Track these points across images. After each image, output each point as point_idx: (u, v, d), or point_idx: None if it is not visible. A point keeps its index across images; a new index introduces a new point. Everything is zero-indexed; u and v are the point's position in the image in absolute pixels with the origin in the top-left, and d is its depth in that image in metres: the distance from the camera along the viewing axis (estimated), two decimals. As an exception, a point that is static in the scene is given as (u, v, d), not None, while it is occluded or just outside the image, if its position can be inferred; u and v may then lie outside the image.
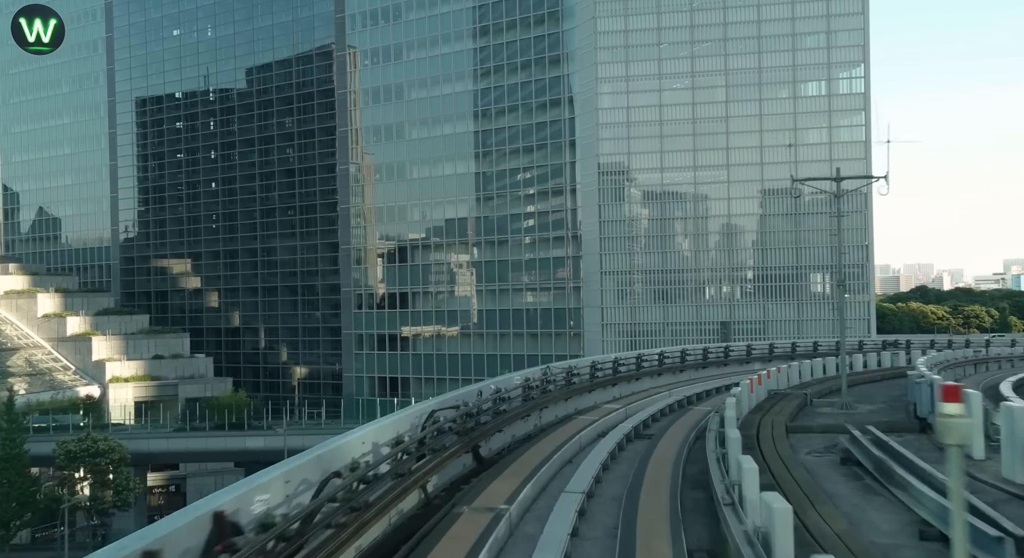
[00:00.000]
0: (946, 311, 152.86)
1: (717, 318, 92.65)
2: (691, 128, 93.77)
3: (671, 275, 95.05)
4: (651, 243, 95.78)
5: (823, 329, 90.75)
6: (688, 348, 50.21)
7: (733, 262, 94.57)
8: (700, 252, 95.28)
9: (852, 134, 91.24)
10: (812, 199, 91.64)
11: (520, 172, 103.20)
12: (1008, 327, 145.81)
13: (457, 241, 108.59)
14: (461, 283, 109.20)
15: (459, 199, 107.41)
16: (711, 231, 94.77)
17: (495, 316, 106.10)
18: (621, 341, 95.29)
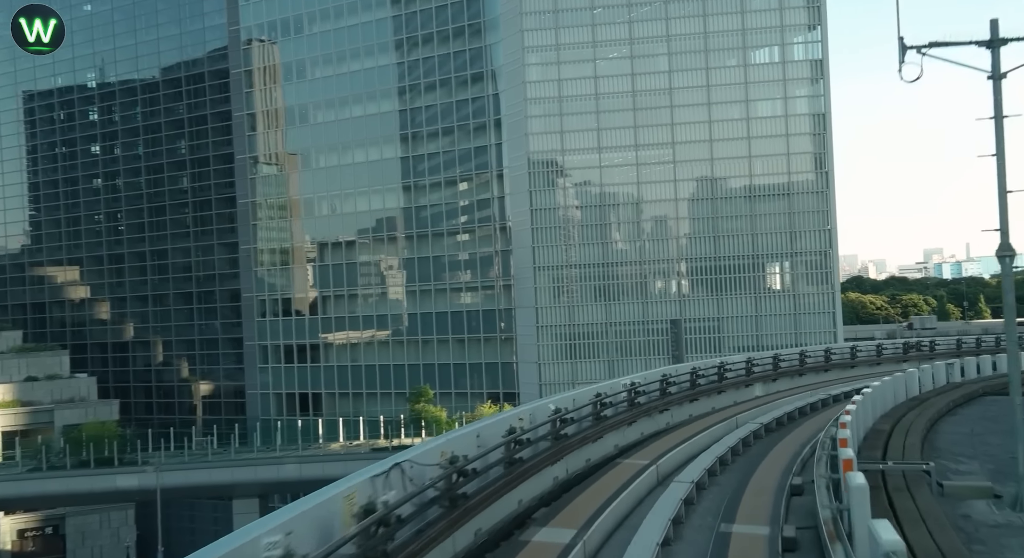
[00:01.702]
0: (884, 301, 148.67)
1: (666, 316, 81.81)
2: (631, 102, 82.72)
3: (613, 269, 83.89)
4: (590, 233, 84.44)
5: (782, 325, 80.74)
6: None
7: (682, 252, 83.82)
8: (645, 242, 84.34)
9: (810, 105, 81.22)
10: (767, 181, 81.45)
11: (441, 157, 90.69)
12: (947, 315, 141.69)
13: (376, 237, 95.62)
14: (383, 284, 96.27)
15: (385, 188, 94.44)
16: (656, 217, 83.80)
17: (418, 321, 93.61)
18: (559, 345, 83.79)
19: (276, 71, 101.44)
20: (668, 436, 24.79)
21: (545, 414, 19.37)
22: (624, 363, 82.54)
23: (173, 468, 70.14)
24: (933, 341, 51.49)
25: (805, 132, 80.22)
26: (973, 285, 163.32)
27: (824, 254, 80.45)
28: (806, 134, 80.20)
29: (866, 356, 45.96)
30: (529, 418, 18.40)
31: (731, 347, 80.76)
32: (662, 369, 30.29)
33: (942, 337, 65.38)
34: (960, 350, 47.69)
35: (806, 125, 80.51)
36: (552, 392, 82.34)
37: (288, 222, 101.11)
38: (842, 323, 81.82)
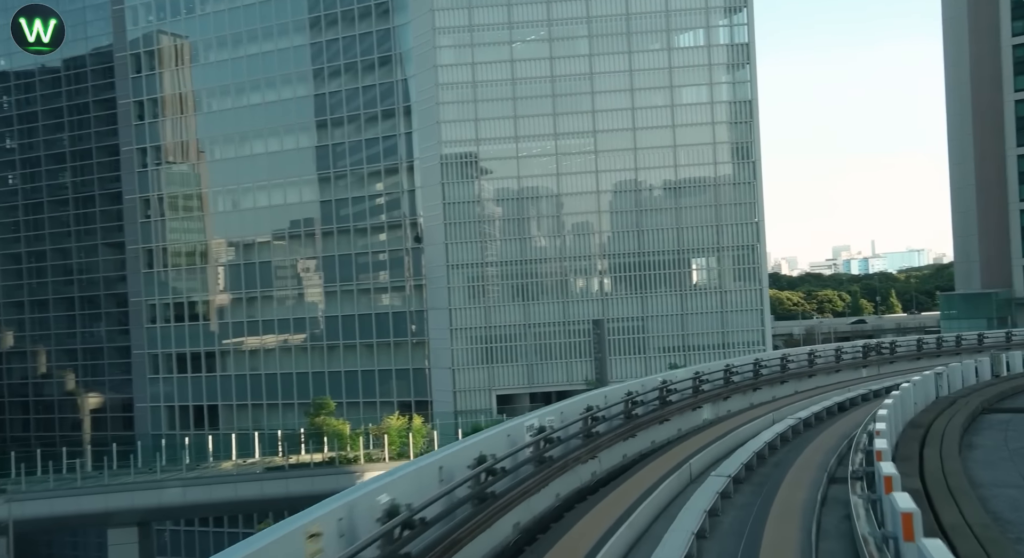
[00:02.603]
0: (801, 297, 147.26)
1: (588, 316, 75.23)
2: (549, 88, 75.94)
3: (532, 267, 76.96)
4: (507, 229, 77.32)
5: (709, 324, 75.13)
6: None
7: (604, 248, 77.42)
8: (565, 237, 77.66)
9: (736, 92, 75.81)
10: (692, 173, 75.69)
11: (347, 147, 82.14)
12: (860, 310, 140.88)
13: (292, 234, 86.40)
14: (295, 286, 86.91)
15: (299, 180, 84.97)
16: (577, 211, 77.17)
17: (323, 324, 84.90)
18: (474, 349, 76.39)
19: (170, 55, 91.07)
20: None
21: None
22: (544, 367, 75.78)
23: (33, 497, 60.04)
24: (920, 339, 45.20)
25: (731, 120, 74.85)
26: (884, 280, 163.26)
27: (751, 248, 75.21)
28: (732, 122, 74.84)
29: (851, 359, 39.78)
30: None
31: (656, 348, 74.87)
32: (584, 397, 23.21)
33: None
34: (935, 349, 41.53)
35: (732, 113, 75.12)
36: (467, 399, 74.98)
37: (184, 220, 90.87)
38: (770, 318, 76.78)
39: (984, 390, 24.03)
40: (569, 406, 18.91)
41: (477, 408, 75.26)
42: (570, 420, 18.32)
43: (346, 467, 65.50)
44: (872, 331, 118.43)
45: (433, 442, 66.31)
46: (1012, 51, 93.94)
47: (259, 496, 65.03)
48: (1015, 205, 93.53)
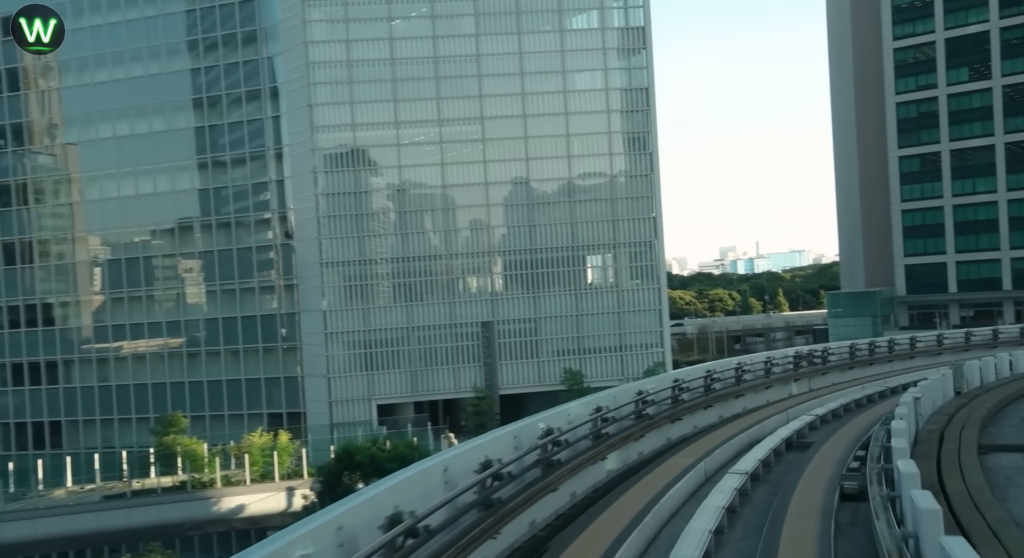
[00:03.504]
0: (692, 296, 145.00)
1: (477, 317, 67.58)
2: (433, 70, 67.92)
3: (416, 264, 68.78)
4: (388, 222, 68.70)
5: (605, 324, 68.75)
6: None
7: (494, 244, 69.93)
8: (452, 233, 69.71)
9: (632, 79, 69.60)
10: (586, 164, 69.15)
11: (207, 132, 71.78)
12: (749, 308, 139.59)
13: (159, 229, 74.97)
14: (165, 286, 75.42)
15: (177, 166, 73.72)
16: (465, 205, 69.44)
17: (187, 328, 74.08)
18: (353, 355, 67.64)
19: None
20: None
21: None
22: (430, 374, 67.74)
23: None
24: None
25: (626, 109, 68.68)
26: (771, 280, 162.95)
27: (648, 245, 69.23)
28: (627, 111, 68.68)
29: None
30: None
31: (550, 351, 67.98)
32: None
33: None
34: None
35: (627, 101, 68.94)
36: (345, 410, 66.31)
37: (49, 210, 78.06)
38: (668, 318, 71.04)
39: (963, 415, 17.72)
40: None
41: (356, 420, 66.51)
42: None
43: (200, 492, 55.75)
44: (763, 329, 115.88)
45: (302, 461, 57.38)
46: (893, 54, 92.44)
47: (95, 529, 54.45)
48: (897, 206, 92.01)
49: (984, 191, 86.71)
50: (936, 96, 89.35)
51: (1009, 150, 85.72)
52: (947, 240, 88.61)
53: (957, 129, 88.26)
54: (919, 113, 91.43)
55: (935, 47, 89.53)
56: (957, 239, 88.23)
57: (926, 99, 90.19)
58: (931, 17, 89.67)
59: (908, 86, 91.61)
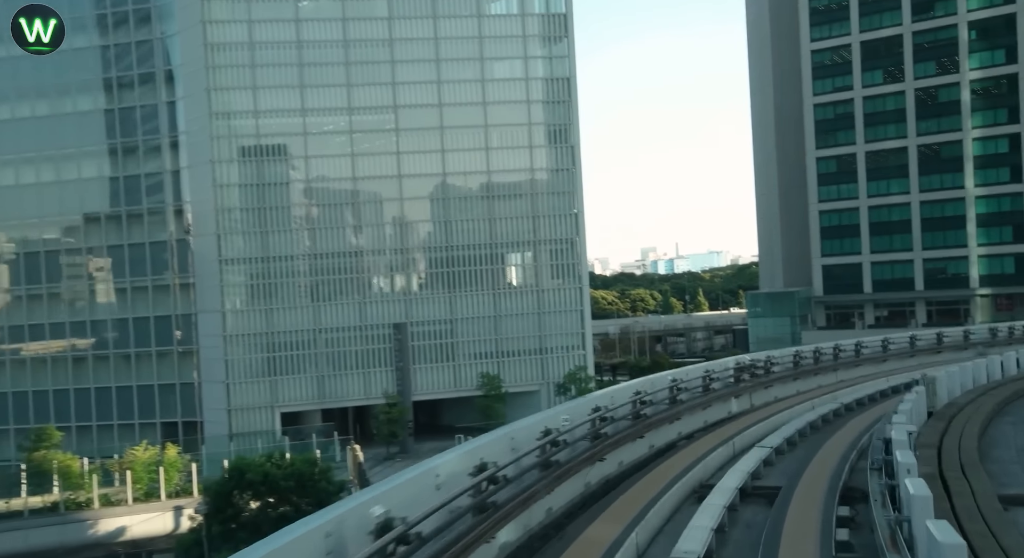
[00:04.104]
0: (615, 296, 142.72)
1: (389, 319, 62.12)
2: (342, 54, 62.19)
3: (323, 262, 62.97)
4: (293, 217, 62.60)
5: (525, 326, 64.23)
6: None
7: (407, 241, 64.54)
8: (363, 228, 64.08)
9: (553, 68, 65.10)
10: (505, 157, 64.46)
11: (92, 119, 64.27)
12: (671, 308, 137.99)
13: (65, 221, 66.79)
14: (51, 286, 67.16)
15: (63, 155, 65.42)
16: (376, 199, 63.83)
17: (72, 330, 66.34)
18: (255, 359, 61.47)
19: None
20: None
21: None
22: (338, 379, 62.04)
23: None
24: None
25: (547, 99, 64.19)
26: (691, 280, 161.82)
27: (570, 243, 64.92)
28: (548, 101, 64.19)
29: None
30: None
31: (467, 354, 63.02)
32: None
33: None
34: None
35: (548, 91, 64.47)
36: (245, 419, 60.13)
37: None
38: (590, 320, 66.87)
39: (952, 447, 13.63)
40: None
41: (258, 429, 60.23)
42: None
43: (74, 514, 48.73)
44: (684, 329, 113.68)
45: (192, 477, 50.93)
46: (811, 56, 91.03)
47: (-54, 562, 46.93)
48: (815, 206, 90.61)
49: (898, 193, 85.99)
50: (852, 98, 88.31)
51: (921, 152, 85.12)
52: (863, 241, 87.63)
53: (872, 131, 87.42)
54: (836, 115, 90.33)
55: (851, 50, 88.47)
56: (872, 240, 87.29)
57: (842, 101, 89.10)
58: (847, 20, 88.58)
59: (825, 88, 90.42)
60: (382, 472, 55.56)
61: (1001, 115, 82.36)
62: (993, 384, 21.67)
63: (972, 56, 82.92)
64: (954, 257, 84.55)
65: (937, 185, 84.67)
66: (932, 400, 17.46)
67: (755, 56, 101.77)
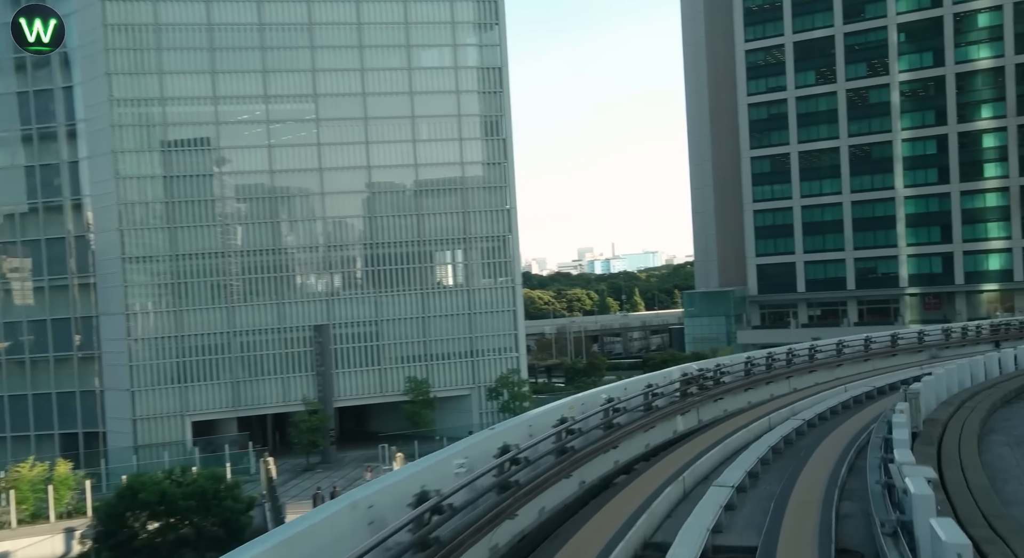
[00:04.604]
0: (551, 296, 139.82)
1: (309, 320, 57.09)
2: (257, 38, 57.03)
3: (238, 260, 57.58)
4: (204, 212, 57.13)
5: (456, 327, 60.00)
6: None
7: (330, 238, 59.60)
8: (281, 224, 58.88)
9: (484, 57, 60.94)
10: (434, 150, 60.13)
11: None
12: (607, 308, 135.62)
13: None
14: None
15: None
16: (294, 192, 58.75)
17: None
18: (163, 365, 55.80)
19: None
20: None
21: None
22: (255, 385, 56.86)
23: None
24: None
25: (478, 90, 59.93)
26: (628, 280, 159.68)
27: (502, 240, 60.83)
28: (480, 92, 59.94)
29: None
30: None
31: (393, 357, 58.46)
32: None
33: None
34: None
35: (479, 81, 60.24)
36: (152, 430, 54.60)
37: None
38: (523, 320, 62.85)
39: (957, 478, 10.06)
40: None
41: (166, 440, 54.61)
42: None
43: (-54, 541, 42.62)
44: (620, 329, 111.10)
45: (86, 495, 45.25)
46: (745, 56, 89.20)
47: None
48: (749, 206, 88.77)
49: (830, 193, 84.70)
50: (786, 98, 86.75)
51: (852, 153, 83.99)
52: (796, 241, 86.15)
53: (805, 131, 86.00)
54: (770, 115, 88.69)
55: (784, 50, 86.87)
56: (805, 240, 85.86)
57: (776, 101, 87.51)
58: (780, 20, 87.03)
59: (759, 88, 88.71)
60: (299, 484, 50.77)
61: (929, 117, 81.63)
62: (966, 394, 18.55)
63: (901, 58, 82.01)
64: (884, 257, 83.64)
65: (868, 185, 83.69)
66: (915, 418, 14.00)
67: (690, 56, 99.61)
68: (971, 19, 79.50)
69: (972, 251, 79.26)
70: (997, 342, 33.28)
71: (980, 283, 79.55)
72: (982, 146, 79.13)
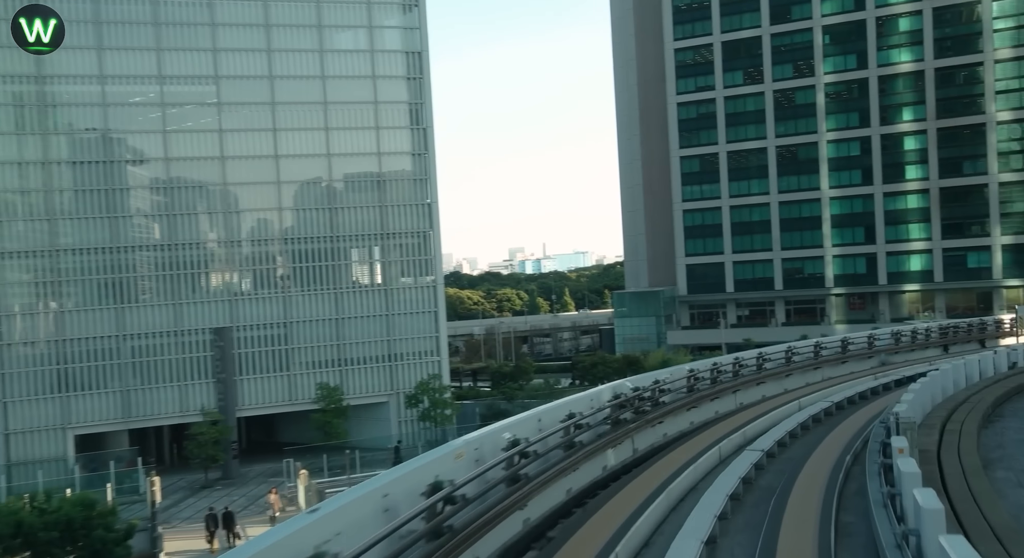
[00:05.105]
0: (481, 296, 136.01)
1: (210, 323, 51.20)
2: (150, 13, 50.83)
3: (129, 256, 51.32)
4: (91, 202, 50.60)
5: (372, 329, 55.02)
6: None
7: (232, 232, 53.85)
8: (177, 216, 52.70)
9: (404, 40, 55.98)
10: (348, 136, 54.99)
11: None
12: (537, 308, 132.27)
13: None
14: None
15: None
16: (193, 182, 52.80)
17: None
18: (40, 373, 49.08)
19: None
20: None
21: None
22: (147, 394, 50.72)
23: None
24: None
25: (397, 75, 54.93)
26: (558, 279, 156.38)
27: (423, 236, 56.02)
28: (398, 77, 54.92)
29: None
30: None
31: (304, 363, 53.10)
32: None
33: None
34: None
35: (398, 65, 55.29)
36: (28, 445, 48.10)
37: None
38: (445, 322, 58.15)
39: None
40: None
41: (45, 457, 48.03)
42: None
43: None
44: (550, 330, 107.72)
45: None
46: (674, 55, 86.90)
47: None
48: (679, 206, 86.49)
49: (758, 193, 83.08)
50: (714, 98, 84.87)
51: (780, 153, 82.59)
52: (725, 241, 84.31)
53: (734, 131, 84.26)
54: (699, 114, 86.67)
55: (712, 50, 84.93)
56: (734, 240, 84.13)
57: (705, 100, 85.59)
58: (709, 19, 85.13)
59: (688, 87, 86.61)
60: (196, 504, 44.97)
61: (853, 119, 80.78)
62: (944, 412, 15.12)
63: (826, 60, 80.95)
64: (810, 257, 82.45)
65: (795, 186, 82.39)
66: (913, 453, 10.26)
67: (619, 54, 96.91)
68: (893, 23, 78.88)
69: (895, 252, 78.62)
70: (946, 346, 30.66)
71: (902, 284, 78.92)
72: (903, 148, 78.62)
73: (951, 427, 13.66)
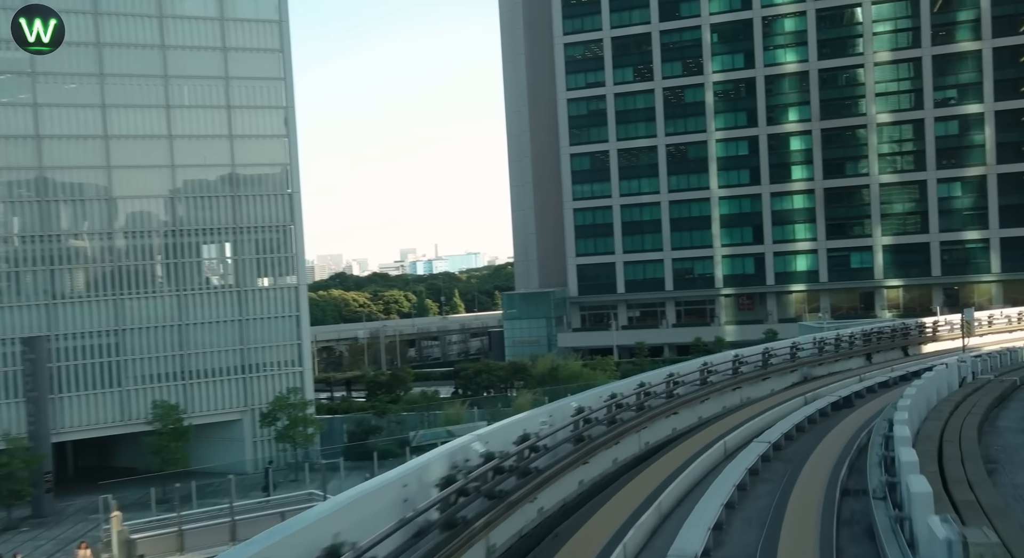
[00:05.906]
0: (367, 298, 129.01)
1: (22, 330, 42.21)
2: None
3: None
4: None
5: (223, 337, 47.29)
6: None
7: (50, 224, 44.88)
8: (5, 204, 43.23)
9: (257, 6, 48.39)
10: (193, 115, 47.06)
11: None
12: (426, 310, 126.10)
13: None
14: None
15: None
16: (4, 163, 43.44)
17: None
18: None
19: None
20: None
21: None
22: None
23: None
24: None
25: (249, 47, 47.36)
26: (447, 281, 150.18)
27: (283, 231, 48.65)
28: (251, 49, 47.39)
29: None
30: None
31: (139, 376, 44.86)
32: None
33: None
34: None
35: (251, 34, 47.74)
36: None
37: None
38: (309, 327, 50.84)
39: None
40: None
41: None
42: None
43: None
44: (438, 332, 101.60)
45: None
46: (564, 50, 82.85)
47: None
48: (569, 204, 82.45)
49: (648, 192, 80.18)
50: (604, 94, 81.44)
51: (670, 152, 80.00)
52: (616, 240, 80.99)
53: (624, 129, 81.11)
54: (589, 111, 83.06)
55: (602, 45, 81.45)
56: (625, 240, 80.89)
57: (595, 97, 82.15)
58: (598, 14, 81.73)
59: (578, 83, 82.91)
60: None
61: (741, 118, 79.08)
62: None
63: (715, 59, 78.93)
64: (700, 257, 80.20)
65: (685, 185, 79.96)
66: None
67: (508, 48, 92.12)
68: (778, 23, 77.57)
69: (782, 252, 77.27)
70: (869, 355, 26.87)
71: (789, 284, 77.63)
72: (789, 148, 77.49)
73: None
